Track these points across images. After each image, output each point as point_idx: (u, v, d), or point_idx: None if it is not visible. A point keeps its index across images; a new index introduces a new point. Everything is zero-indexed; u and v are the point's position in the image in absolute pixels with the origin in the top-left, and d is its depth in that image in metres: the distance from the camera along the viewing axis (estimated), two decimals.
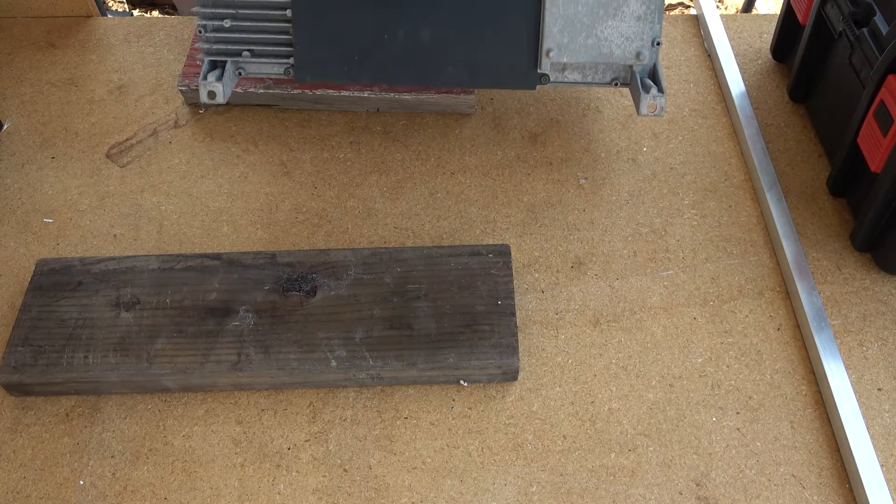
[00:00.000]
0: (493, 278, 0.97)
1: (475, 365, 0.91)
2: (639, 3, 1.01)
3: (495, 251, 1.00)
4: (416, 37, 1.04)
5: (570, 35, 1.03)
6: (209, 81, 1.08)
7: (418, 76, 1.06)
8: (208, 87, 1.09)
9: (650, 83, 1.07)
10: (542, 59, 1.05)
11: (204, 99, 1.09)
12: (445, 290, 0.96)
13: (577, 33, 1.03)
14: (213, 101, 1.09)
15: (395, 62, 1.05)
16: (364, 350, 0.91)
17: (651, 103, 1.06)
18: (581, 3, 1.01)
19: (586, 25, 1.03)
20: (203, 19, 1.07)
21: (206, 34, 1.08)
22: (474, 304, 0.95)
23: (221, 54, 1.10)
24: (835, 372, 0.92)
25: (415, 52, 1.05)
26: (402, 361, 0.90)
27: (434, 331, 0.92)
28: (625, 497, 0.85)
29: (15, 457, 0.89)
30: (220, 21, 1.07)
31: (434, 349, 0.91)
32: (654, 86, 1.06)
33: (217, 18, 1.07)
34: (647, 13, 1.01)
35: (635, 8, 1.01)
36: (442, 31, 1.04)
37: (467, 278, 0.97)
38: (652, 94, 1.05)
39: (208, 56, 1.10)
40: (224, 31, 1.08)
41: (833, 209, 1.11)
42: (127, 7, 2.00)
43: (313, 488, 0.86)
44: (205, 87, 1.09)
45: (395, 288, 0.96)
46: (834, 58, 1.12)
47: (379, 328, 0.93)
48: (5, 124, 1.26)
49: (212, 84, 1.08)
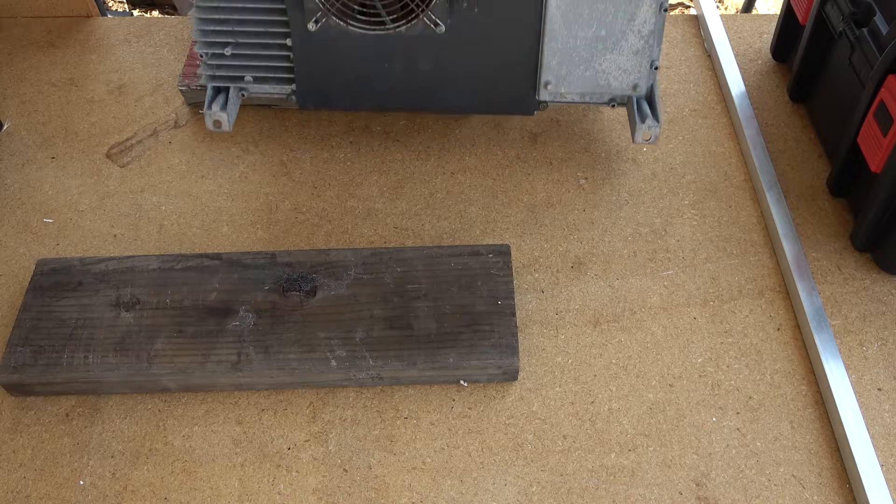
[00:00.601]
0: (493, 278, 0.97)
1: (475, 365, 0.91)
2: (637, 38, 1.02)
3: (495, 251, 1.00)
4: (416, 68, 1.06)
5: (568, 68, 1.05)
6: (214, 111, 1.10)
7: (418, 103, 1.09)
8: (213, 116, 1.10)
9: (646, 111, 1.09)
10: (540, 89, 1.07)
11: (210, 128, 1.11)
12: (445, 290, 0.96)
13: (576, 66, 1.05)
14: (218, 129, 1.11)
15: (395, 90, 1.07)
16: (364, 350, 0.91)
17: (646, 133, 1.09)
18: (580, 38, 1.02)
19: (584, 59, 1.04)
20: (203, 47, 1.08)
21: (208, 61, 1.09)
22: (474, 304, 0.95)
23: (224, 80, 1.11)
24: (835, 372, 0.92)
25: (415, 81, 1.07)
26: (402, 361, 0.90)
27: (434, 331, 0.92)
28: (625, 497, 0.85)
29: (15, 457, 0.89)
30: (221, 49, 1.07)
31: (434, 349, 0.91)
32: (649, 115, 1.08)
33: (217, 47, 1.07)
34: (644, 47, 1.02)
35: (633, 42, 1.02)
36: (442, 63, 1.06)
37: (467, 278, 0.97)
38: (647, 125, 1.08)
39: (211, 82, 1.11)
40: (225, 58, 1.09)
41: (833, 209, 1.11)
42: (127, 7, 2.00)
43: (313, 488, 0.86)
44: (210, 116, 1.10)
45: (395, 288, 0.96)
46: (834, 58, 1.12)
47: (379, 328, 0.93)
48: (5, 124, 1.26)
49: (217, 114, 1.10)
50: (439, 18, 1.01)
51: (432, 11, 1.00)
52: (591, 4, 0.98)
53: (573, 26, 1.00)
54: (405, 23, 1.01)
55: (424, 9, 1.00)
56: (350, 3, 1.01)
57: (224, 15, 1.04)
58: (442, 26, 1.01)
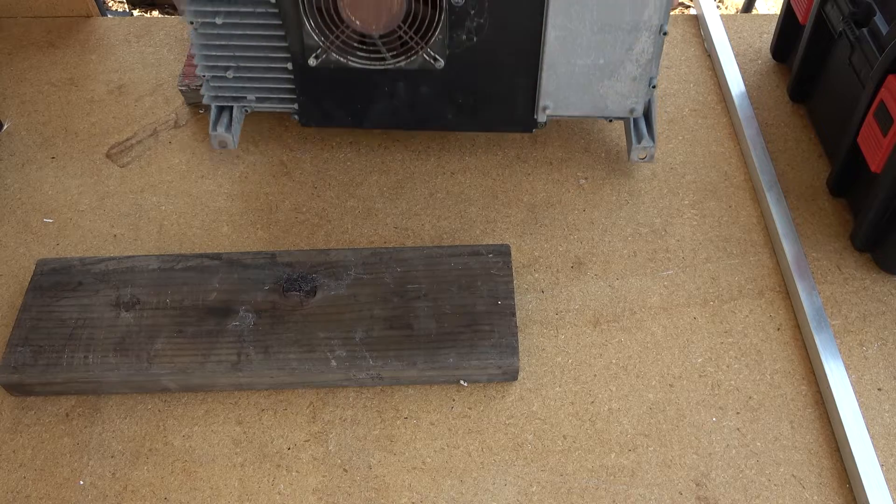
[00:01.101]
0: (493, 278, 0.97)
1: (475, 365, 0.91)
2: (635, 66, 1.03)
3: (495, 251, 1.00)
4: (417, 92, 1.08)
5: (566, 93, 1.07)
6: (219, 133, 1.12)
7: (419, 122, 1.12)
8: (219, 137, 1.12)
9: (643, 130, 1.11)
10: (538, 112, 1.09)
11: (216, 147, 1.13)
12: (445, 290, 0.96)
13: (574, 91, 1.07)
14: (224, 148, 1.13)
15: (396, 111, 1.10)
16: (364, 350, 0.91)
17: (641, 153, 1.12)
18: (578, 66, 1.04)
19: (583, 84, 1.06)
20: (205, 70, 1.09)
21: (210, 83, 1.10)
22: (474, 304, 0.95)
23: (226, 100, 1.13)
24: (835, 372, 0.92)
25: (415, 103, 1.09)
26: (402, 361, 0.90)
27: (434, 331, 0.92)
28: (625, 497, 0.85)
29: (15, 457, 0.89)
30: (223, 72, 1.08)
31: (434, 349, 0.91)
32: (645, 135, 1.11)
33: (219, 70, 1.08)
34: (643, 74, 1.04)
35: (631, 70, 1.04)
36: (442, 89, 1.08)
37: (467, 278, 0.97)
38: (643, 145, 1.11)
39: (214, 102, 1.13)
40: (227, 80, 1.10)
41: (833, 209, 1.11)
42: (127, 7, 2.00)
43: (313, 488, 0.86)
44: (215, 138, 1.12)
45: (395, 288, 0.96)
46: (834, 58, 1.12)
47: (379, 328, 0.93)
48: (5, 124, 1.26)
49: (221, 135, 1.12)
50: (438, 54, 1.03)
51: (431, 48, 1.02)
52: (590, 36, 1.00)
53: (571, 56, 1.02)
54: (404, 59, 1.03)
55: (423, 45, 1.02)
56: (350, 41, 1.02)
57: (225, 41, 1.06)
58: (441, 61, 1.04)
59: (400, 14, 0.99)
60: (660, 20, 0.98)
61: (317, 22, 1.01)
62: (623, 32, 0.99)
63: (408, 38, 1.01)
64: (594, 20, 0.98)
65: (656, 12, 0.97)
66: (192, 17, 1.03)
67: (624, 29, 0.99)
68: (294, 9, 0.99)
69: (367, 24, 1.00)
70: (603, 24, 0.98)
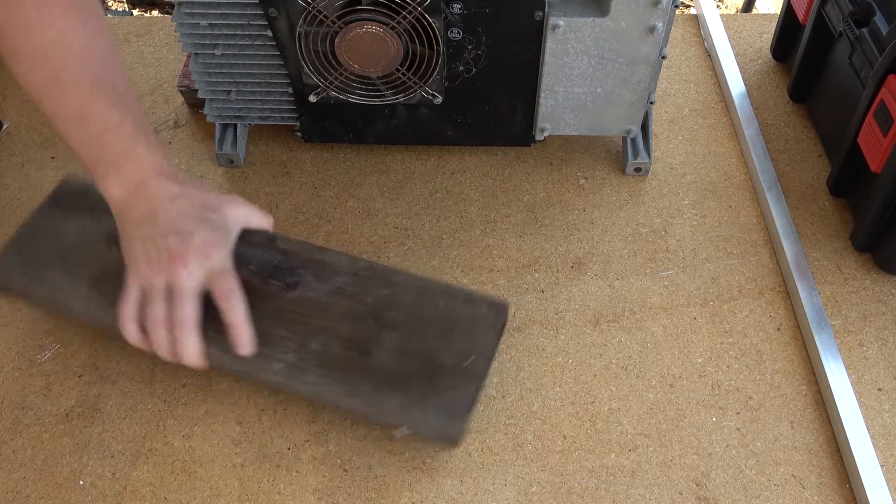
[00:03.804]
0: (476, 333, 0.86)
1: (416, 416, 0.82)
2: (633, 94, 1.05)
3: (491, 305, 0.89)
4: (417, 113, 1.10)
5: (563, 116, 1.09)
6: (225, 151, 1.14)
7: (420, 139, 1.15)
8: (226, 156, 1.14)
9: (639, 146, 1.13)
10: (536, 132, 1.11)
11: (223, 165, 1.15)
12: (421, 330, 0.86)
13: (571, 114, 1.08)
14: (231, 165, 1.15)
15: (396, 129, 1.13)
16: (313, 363, 0.83)
17: (637, 167, 1.14)
18: (575, 94, 1.05)
19: (580, 108, 1.07)
20: (207, 94, 1.10)
21: (213, 104, 1.12)
22: (443, 355, 0.84)
23: (230, 119, 1.15)
24: (835, 372, 0.92)
25: (416, 122, 1.12)
26: (345, 386, 0.83)
27: (391, 367, 0.83)
28: (625, 497, 0.85)
29: (15, 457, 0.89)
30: (225, 95, 1.10)
31: (381, 385, 0.83)
32: (642, 151, 1.12)
33: (221, 94, 1.10)
34: (640, 99, 1.06)
35: (628, 97, 1.05)
36: (442, 114, 1.10)
37: (449, 324, 0.87)
38: (639, 161, 1.13)
39: (217, 121, 1.14)
40: (229, 101, 1.11)
41: (833, 209, 1.11)
42: (127, 7, 2.00)
43: (313, 488, 0.86)
44: (223, 156, 1.14)
45: (373, 310, 0.87)
46: (834, 58, 1.12)
47: (338, 345, 0.85)
48: (5, 124, 1.26)
49: (228, 153, 1.14)
50: (436, 91, 1.05)
51: (430, 86, 1.04)
52: (587, 68, 1.02)
53: (569, 85, 1.04)
54: (403, 96, 1.06)
55: (422, 85, 1.03)
56: (349, 81, 1.04)
57: (226, 69, 1.07)
58: (440, 98, 1.06)
59: (398, 58, 1.00)
60: (658, 53, 1.00)
61: (315, 66, 1.02)
62: (621, 66, 1.01)
63: (406, 79, 1.03)
64: (592, 54, 1.00)
65: (654, 47, 0.99)
66: (191, 49, 1.03)
67: (621, 63, 1.01)
68: (292, 50, 1.01)
69: (366, 67, 1.01)
70: (601, 57, 1.00)
